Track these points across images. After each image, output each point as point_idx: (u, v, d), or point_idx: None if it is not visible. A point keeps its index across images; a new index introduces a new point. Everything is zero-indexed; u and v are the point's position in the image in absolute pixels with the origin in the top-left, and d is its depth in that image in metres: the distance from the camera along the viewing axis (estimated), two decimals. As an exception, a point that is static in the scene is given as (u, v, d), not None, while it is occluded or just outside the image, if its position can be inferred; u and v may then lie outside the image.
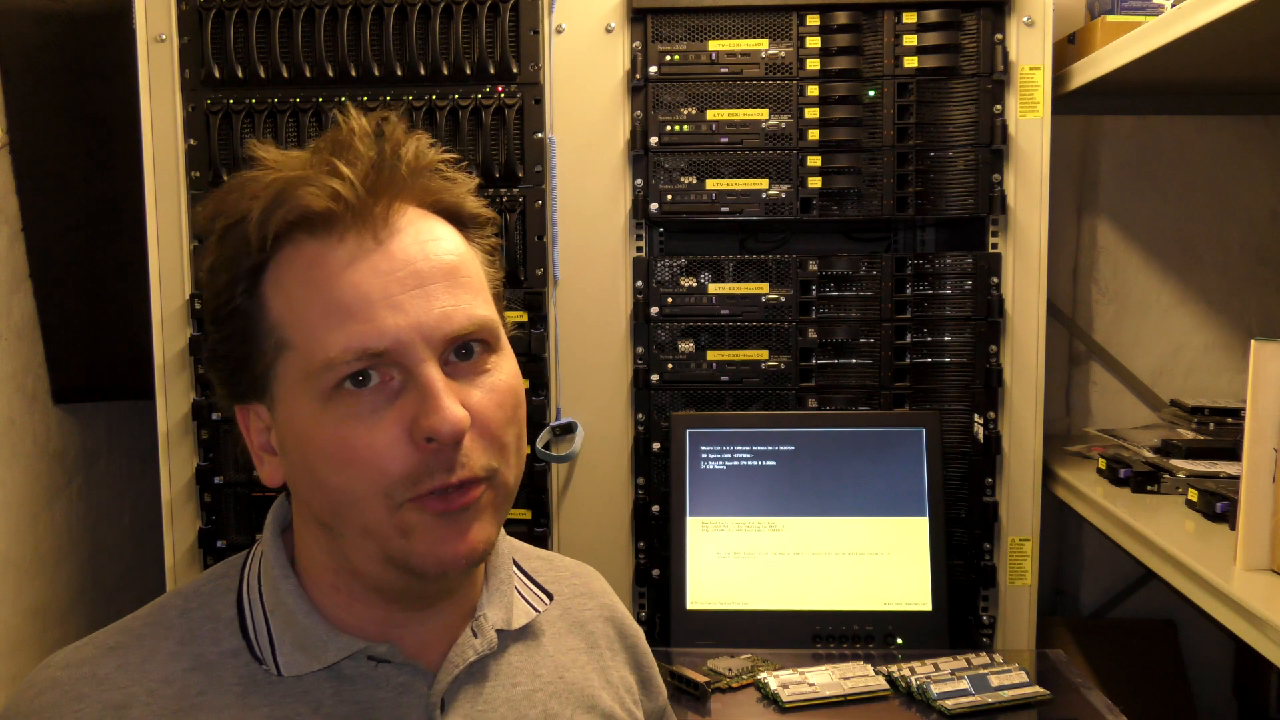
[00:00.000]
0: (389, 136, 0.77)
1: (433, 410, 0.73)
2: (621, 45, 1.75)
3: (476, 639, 0.84)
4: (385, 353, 0.73)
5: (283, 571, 0.81)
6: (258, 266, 0.76)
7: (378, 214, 0.75)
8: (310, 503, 0.79)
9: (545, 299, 1.76)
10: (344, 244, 0.75)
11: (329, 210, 0.74)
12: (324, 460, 0.74)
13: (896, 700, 1.44)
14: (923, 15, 1.72)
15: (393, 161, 0.76)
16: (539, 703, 0.86)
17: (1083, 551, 2.25)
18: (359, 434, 0.73)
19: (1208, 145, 2.19)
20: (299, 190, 0.74)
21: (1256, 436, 1.26)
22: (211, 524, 1.79)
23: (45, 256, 1.95)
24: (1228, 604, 1.25)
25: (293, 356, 0.75)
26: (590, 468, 1.79)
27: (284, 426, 0.78)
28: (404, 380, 0.74)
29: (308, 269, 0.75)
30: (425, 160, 0.78)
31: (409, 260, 0.75)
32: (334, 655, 0.78)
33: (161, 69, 1.75)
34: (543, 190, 1.75)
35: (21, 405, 1.93)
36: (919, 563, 1.70)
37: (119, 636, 0.81)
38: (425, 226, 0.78)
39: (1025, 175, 1.75)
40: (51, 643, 1.97)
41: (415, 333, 0.74)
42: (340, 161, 0.75)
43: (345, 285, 0.74)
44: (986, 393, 1.76)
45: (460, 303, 0.76)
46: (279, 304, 0.76)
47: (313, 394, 0.74)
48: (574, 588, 0.98)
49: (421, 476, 0.74)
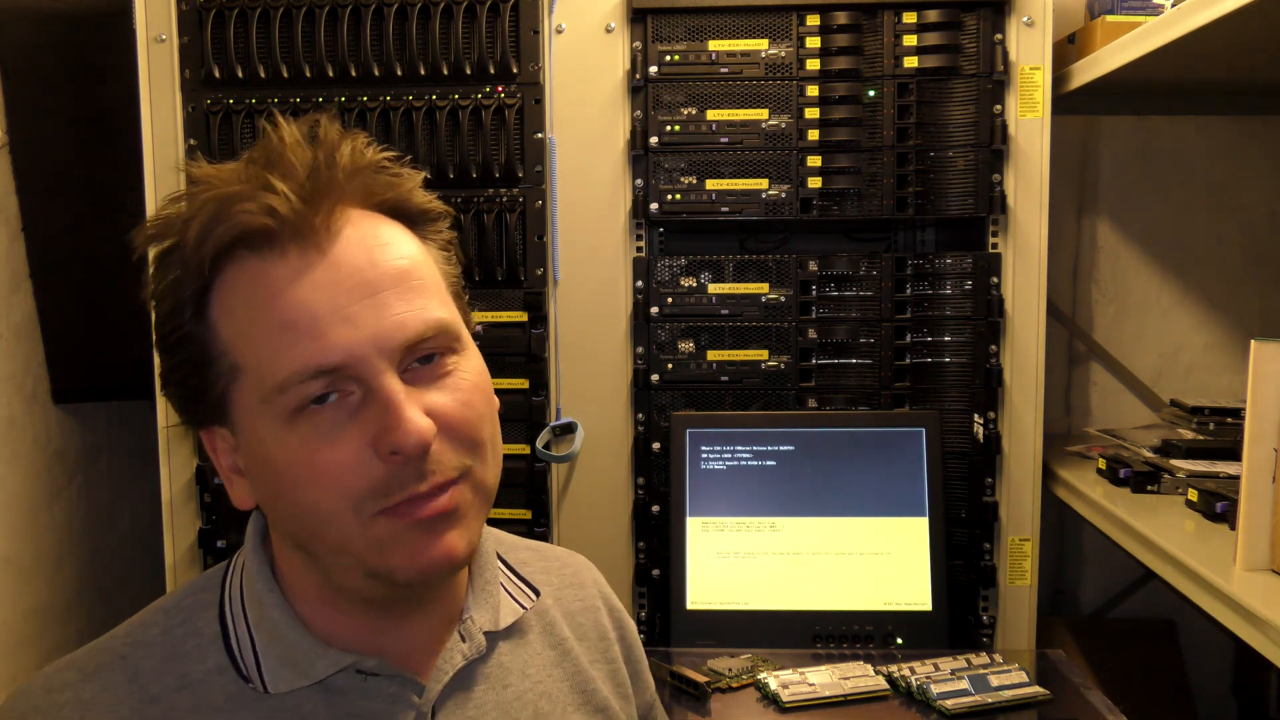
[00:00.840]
0: (322, 140, 0.74)
1: (395, 424, 0.71)
2: (621, 45, 1.75)
3: (465, 643, 0.83)
4: (339, 368, 0.71)
5: (266, 585, 0.79)
6: (201, 289, 0.74)
7: (318, 224, 0.72)
8: (281, 523, 0.77)
9: (545, 299, 1.76)
10: (286, 259, 0.72)
11: (265, 226, 0.71)
12: (290, 482, 0.73)
13: (896, 700, 1.44)
14: (923, 15, 1.72)
15: (328, 167, 0.73)
16: (529, 703, 0.85)
17: (1083, 551, 2.25)
18: (322, 452, 0.71)
19: (1208, 145, 2.19)
20: (234, 208, 0.71)
21: (1256, 436, 1.26)
22: (211, 524, 1.79)
23: (45, 256, 1.95)
24: (1228, 604, 1.25)
25: (247, 380, 0.73)
26: (590, 468, 1.79)
27: (247, 449, 0.76)
28: (364, 394, 0.72)
29: (252, 288, 0.72)
30: (362, 161, 0.76)
31: (356, 269, 0.73)
32: (322, 671, 0.77)
33: (161, 69, 1.75)
34: (543, 190, 1.75)
35: (21, 405, 1.93)
36: (919, 563, 1.70)
37: (100, 657, 0.79)
38: (371, 230, 0.75)
39: (1025, 175, 1.75)
40: (51, 643, 1.98)
41: (369, 345, 0.71)
42: (274, 174, 0.72)
43: (291, 302, 0.71)
44: (986, 393, 1.76)
45: (414, 308, 0.74)
46: (227, 327, 0.74)
47: (273, 416, 0.72)
48: (564, 578, 0.97)
49: (391, 488, 0.72)
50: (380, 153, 0.77)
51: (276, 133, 0.74)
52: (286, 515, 0.76)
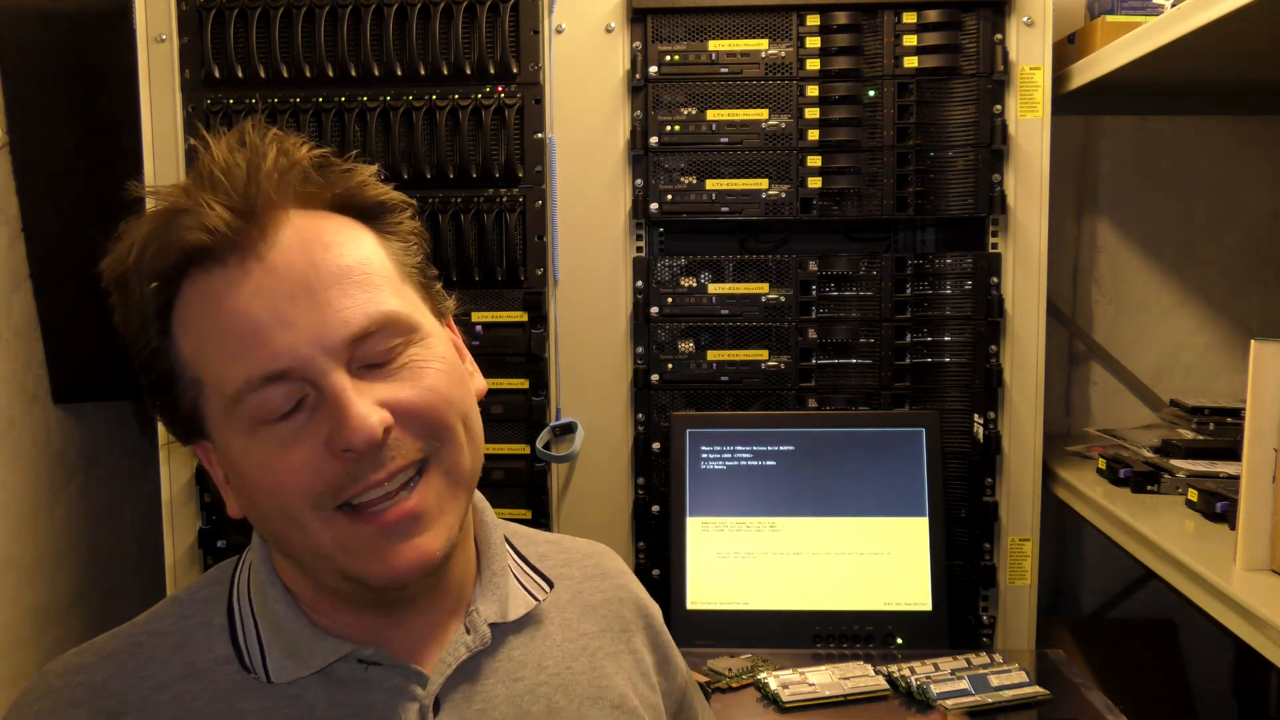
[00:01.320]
0: (250, 148, 0.75)
1: (343, 422, 0.71)
2: (621, 45, 1.75)
3: (469, 635, 0.83)
4: (287, 371, 0.72)
5: (270, 578, 0.81)
6: (162, 307, 0.75)
7: (254, 233, 0.73)
8: (262, 530, 0.79)
9: (545, 299, 1.76)
10: (227, 270, 0.73)
11: (203, 243, 0.72)
12: (257, 488, 0.74)
13: (896, 700, 1.44)
14: (923, 15, 1.72)
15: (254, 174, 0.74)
16: (543, 696, 0.85)
17: (1083, 551, 2.25)
18: (280, 456, 0.73)
19: (1208, 145, 2.19)
20: (172, 229, 0.73)
21: (1256, 436, 1.26)
22: (211, 524, 1.79)
23: (45, 256, 1.95)
24: (1228, 604, 1.25)
25: (209, 393, 0.75)
26: (590, 468, 1.79)
27: (225, 461, 0.77)
28: (318, 395, 0.73)
29: (202, 303, 0.74)
30: (290, 162, 0.75)
31: (295, 272, 0.73)
32: (322, 660, 0.78)
33: (161, 69, 1.75)
34: (543, 190, 1.75)
35: (21, 405, 1.93)
36: (919, 563, 1.70)
37: (116, 643, 0.81)
38: (313, 231, 0.75)
39: (1025, 175, 1.75)
40: (52, 643, 1.97)
41: (312, 345, 0.72)
42: (205, 191, 0.73)
43: (233, 313, 0.72)
44: (986, 393, 1.76)
45: (358, 303, 0.74)
46: (186, 343, 0.75)
47: (236, 427, 0.74)
48: (586, 570, 0.97)
49: (346, 482, 0.73)
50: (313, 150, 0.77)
51: (207, 151, 0.75)
52: (263, 522, 0.77)
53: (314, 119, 1.74)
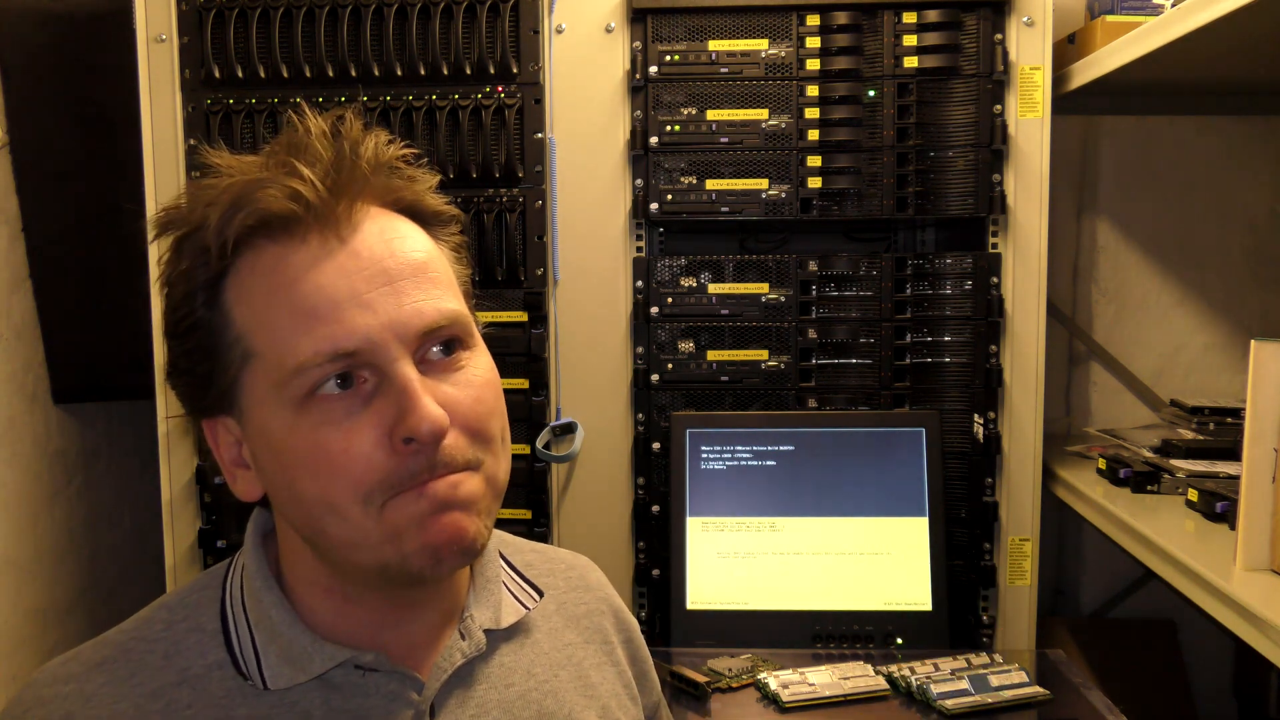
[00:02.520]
0: (346, 134, 0.75)
1: (410, 410, 0.71)
2: (621, 45, 1.75)
3: (464, 641, 0.83)
4: (357, 352, 0.71)
5: (265, 583, 0.79)
6: (217, 275, 0.74)
7: (340, 213, 0.73)
8: (291, 515, 0.77)
9: (545, 299, 1.76)
10: (306, 245, 0.73)
11: (290, 212, 0.72)
12: (300, 470, 0.72)
13: (896, 700, 1.44)
14: (923, 15, 1.72)
15: (352, 159, 0.74)
16: (533, 702, 0.85)
17: (1083, 551, 2.25)
18: (334, 440, 0.71)
19: (1208, 145, 2.19)
20: (257, 193, 0.72)
21: (1256, 436, 1.26)
22: (211, 524, 1.79)
23: (45, 256, 1.95)
24: (1228, 604, 1.25)
25: (260, 366, 0.73)
26: (590, 468, 1.79)
27: (256, 438, 0.76)
28: (378, 382, 0.72)
29: (270, 274, 0.73)
30: (385, 157, 0.77)
31: (375, 258, 0.73)
32: (320, 666, 0.77)
33: (161, 69, 1.75)
34: (543, 190, 1.75)
35: (21, 405, 1.93)
36: (919, 563, 1.70)
37: (105, 651, 0.79)
38: (389, 224, 0.76)
39: (1025, 175, 1.75)
40: (52, 643, 1.98)
41: (387, 330, 0.72)
42: (299, 161, 0.73)
43: (311, 287, 0.72)
44: (986, 393, 1.76)
45: (431, 297, 0.74)
46: (242, 313, 0.74)
47: (285, 402, 0.72)
48: (570, 580, 0.97)
49: (402, 480, 0.72)
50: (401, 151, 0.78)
51: (302, 123, 0.75)
52: (296, 506, 0.75)
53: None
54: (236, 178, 0.74)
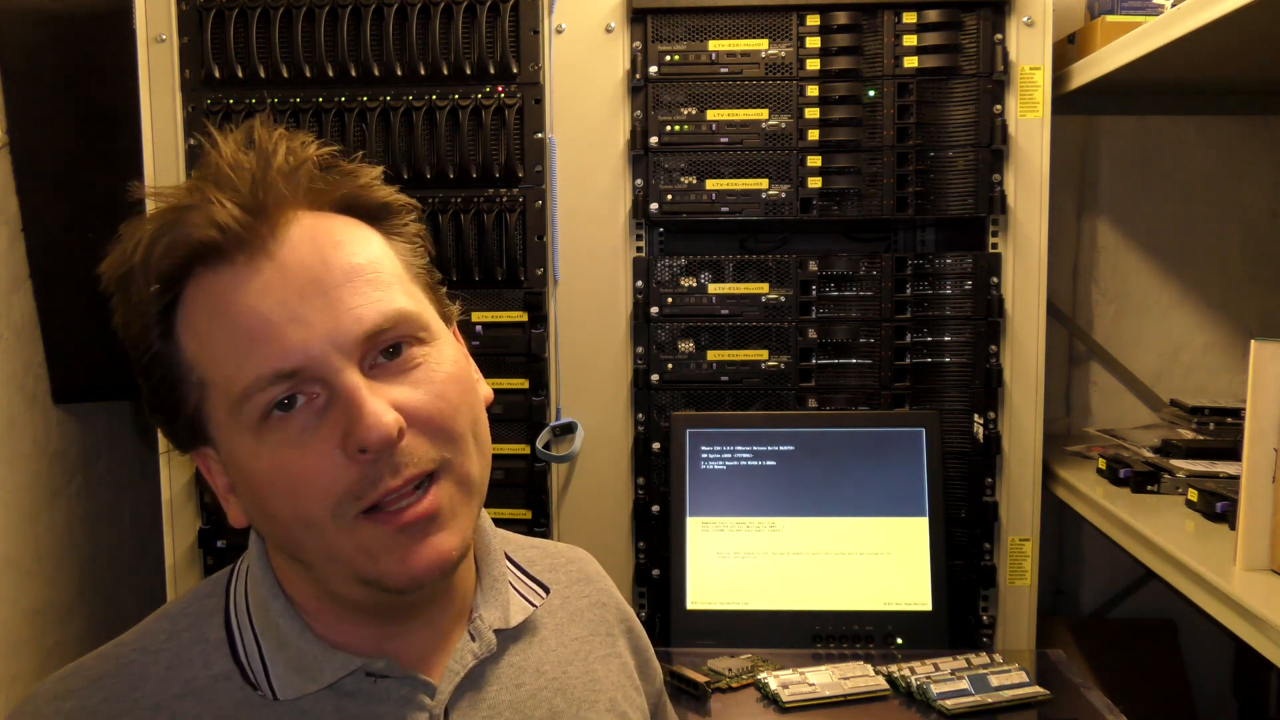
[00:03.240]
0: (258, 146, 0.74)
1: (357, 420, 0.70)
2: (621, 45, 1.75)
3: (474, 642, 0.82)
4: (298, 370, 0.71)
5: (271, 591, 0.79)
6: (165, 308, 0.74)
7: (263, 231, 0.72)
8: (272, 536, 0.77)
9: (545, 299, 1.76)
10: (235, 268, 0.72)
11: (212, 239, 0.71)
12: (268, 493, 0.72)
13: (896, 700, 1.44)
14: (923, 15, 1.72)
15: (264, 172, 0.73)
16: (544, 701, 0.84)
17: (1083, 551, 2.25)
18: (294, 459, 0.71)
19: (1208, 145, 2.19)
20: (179, 226, 0.72)
21: (1256, 436, 1.26)
22: (211, 524, 1.79)
23: (45, 256, 1.95)
24: (1228, 604, 1.25)
25: (215, 394, 0.73)
26: (590, 468, 1.79)
27: (229, 466, 0.76)
28: (328, 395, 0.72)
29: (209, 302, 0.73)
30: (298, 160, 0.75)
31: (306, 269, 0.72)
32: (331, 675, 0.76)
33: (161, 69, 1.75)
34: (543, 190, 1.75)
35: (21, 405, 1.93)
36: (919, 563, 1.70)
37: (105, 664, 0.78)
38: (323, 230, 0.75)
39: (1025, 175, 1.75)
40: (52, 643, 1.97)
41: (325, 343, 0.71)
42: (214, 188, 0.72)
43: (243, 310, 0.71)
44: (986, 393, 1.76)
45: (370, 300, 0.73)
46: (191, 344, 0.74)
47: (243, 428, 0.72)
48: (570, 574, 0.97)
49: (365, 488, 0.71)
50: (321, 149, 0.76)
51: (215, 149, 0.74)
52: (274, 527, 0.75)
53: (314, 119, 1.74)
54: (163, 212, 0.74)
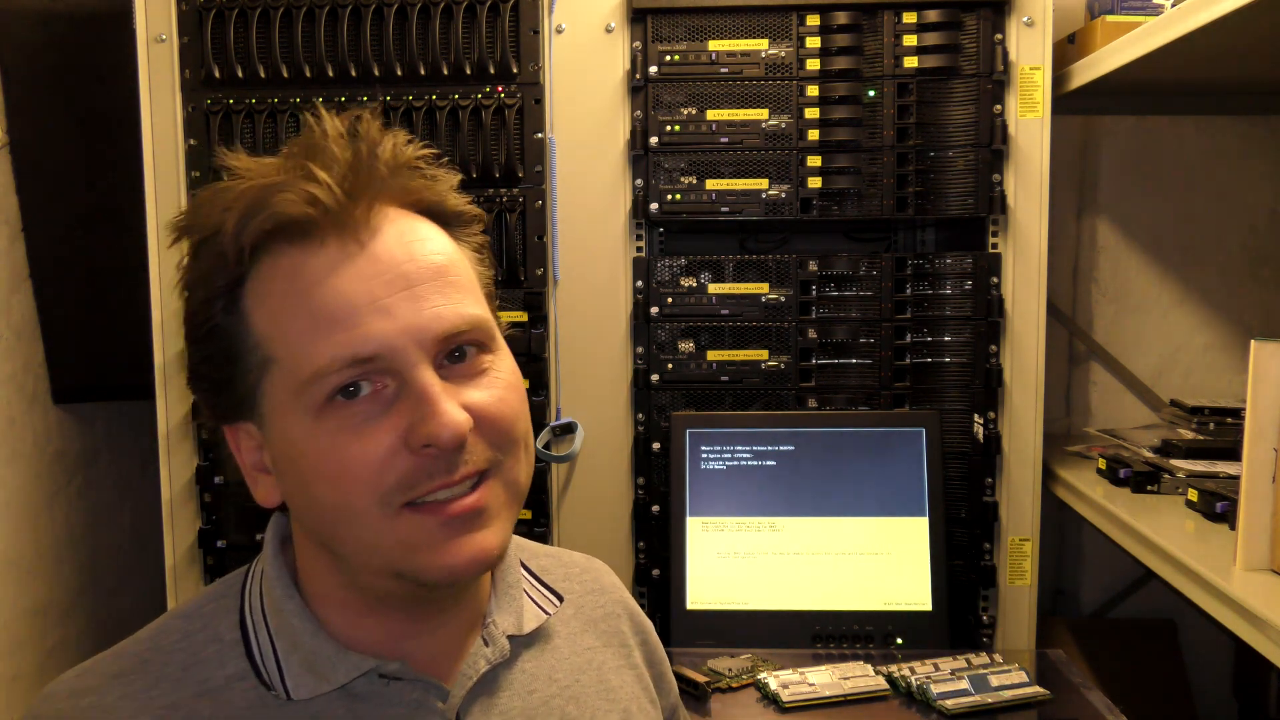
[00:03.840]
0: (364, 136, 0.74)
1: (430, 416, 0.70)
2: (621, 45, 1.75)
3: (488, 648, 0.82)
4: (375, 358, 0.71)
5: (285, 591, 0.78)
6: (236, 280, 0.73)
7: (358, 216, 0.72)
8: (308, 521, 0.77)
9: (545, 299, 1.76)
10: (325, 250, 0.72)
11: (307, 216, 0.71)
12: (318, 476, 0.72)
13: (896, 700, 1.44)
14: (923, 15, 1.73)
15: (370, 161, 0.73)
16: (556, 708, 0.84)
17: (1083, 551, 2.25)
18: (352, 445, 0.71)
19: (1208, 145, 2.19)
20: (274, 197, 0.71)
21: (1256, 436, 1.26)
22: (211, 524, 1.79)
23: (45, 256, 1.96)
24: (1228, 604, 1.25)
25: (279, 372, 0.73)
26: (590, 468, 1.79)
27: (276, 444, 0.75)
28: (398, 388, 0.72)
29: (289, 279, 0.72)
30: (403, 158, 0.75)
31: (395, 262, 0.72)
32: (344, 676, 0.76)
33: (161, 69, 1.75)
34: (543, 190, 1.75)
35: (21, 405, 1.93)
36: (919, 563, 1.70)
37: (121, 663, 0.78)
38: (409, 226, 0.75)
39: (1025, 175, 1.75)
40: (52, 643, 1.97)
41: (405, 336, 0.71)
42: (315, 164, 0.72)
43: (329, 293, 0.71)
44: (986, 393, 1.76)
45: (451, 302, 0.74)
46: (261, 318, 0.73)
47: (303, 409, 0.72)
48: (585, 584, 0.96)
49: (419, 480, 0.71)
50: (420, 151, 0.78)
51: (319, 125, 0.74)
52: (313, 512, 0.75)
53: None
54: (254, 181, 0.73)
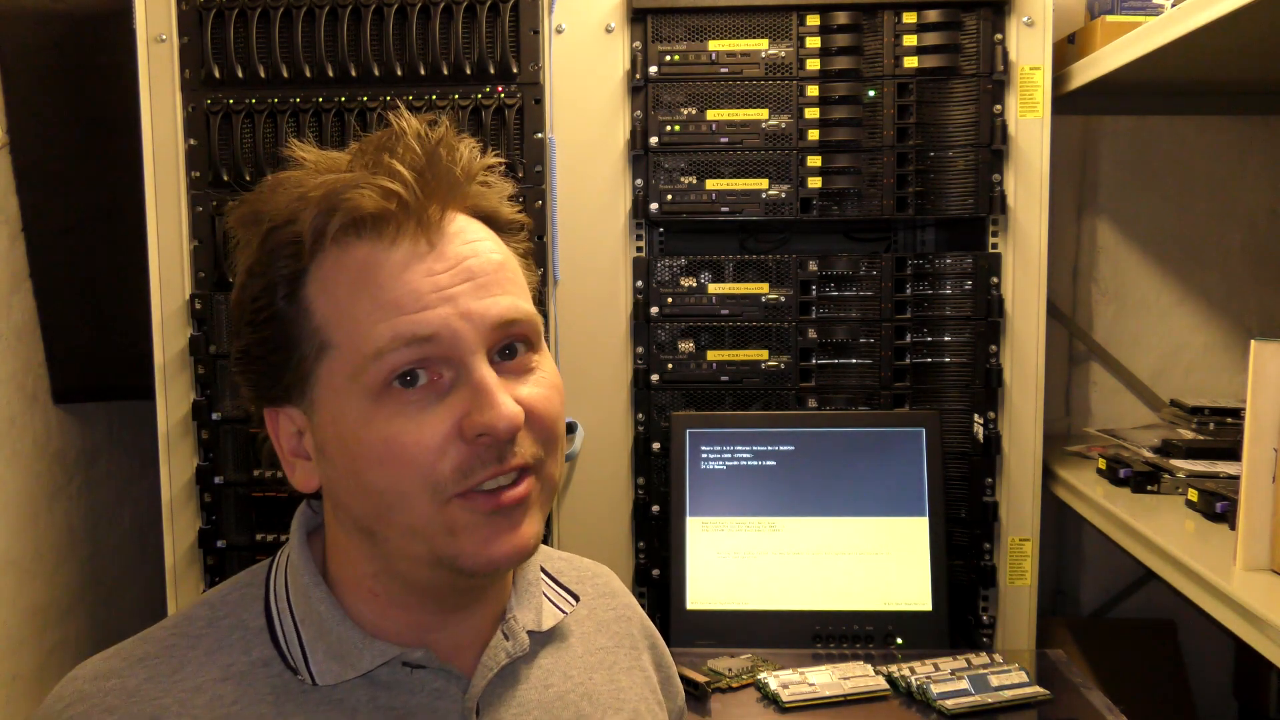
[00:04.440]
0: (444, 139, 0.76)
1: (488, 405, 0.72)
2: (621, 45, 1.75)
3: (508, 641, 0.83)
4: (434, 337, 0.72)
5: (312, 579, 0.80)
6: (302, 270, 0.75)
7: (431, 215, 0.74)
8: (352, 507, 0.77)
9: (545, 299, 1.76)
10: (397, 247, 0.74)
11: (383, 211, 0.73)
12: (370, 461, 0.73)
13: (896, 700, 1.44)
14: (923, 15, 1.73)
15: (448, 164, 0.75)
16: (571, 704, 0.86)
17: (1083, 551, 2.25)
18: (408, 431, 0.72)
19: (1208, 145, 2.19)
20: (351, 192, 0.72)
21: (1256, 436, 1.26)
22: (211, 524, 1.79)
23: (45, 256, 1.95)
24: (1228, 604, 1.25)
25: (337, 356, 0.74)
26: (590, 468, 1.79)
27: (325, 429, 0.76)
28: (454, 378, 0.74)
29: (360, 271, 0.74)
30: (477, 165, 0.78)
31: (459, 258, 0.75)
32: (369, 663, 0.77)
33: (161, 69, 1.75)
34: (543, 190, 1.75)
35: (21, 405, 1.93)
36: (919, 563, 1.70)
37: (146, 647, 0.79)
38: (471, 230, 0.77)
39: (1025, 175, 1.75)
40: (52, 643, 1.97)
41: (464, 320, 0.73)
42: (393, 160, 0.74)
43: (397, 284, 0.73)
44: (986, 393, 1.76)
45: (510, 294, 0.76)
46: (324, 306, 0.74)
47: (360, 393, 0.73)
48: (597, 587, 0.98)
49: (472, 469, 0.73)
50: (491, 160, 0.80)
51: (398, 122, 0.76)
52: (360, 498, 0.76)
53: (314, 119, 1.74)
54: (328, 175, 0.74)
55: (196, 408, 1.77)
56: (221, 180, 1.75)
